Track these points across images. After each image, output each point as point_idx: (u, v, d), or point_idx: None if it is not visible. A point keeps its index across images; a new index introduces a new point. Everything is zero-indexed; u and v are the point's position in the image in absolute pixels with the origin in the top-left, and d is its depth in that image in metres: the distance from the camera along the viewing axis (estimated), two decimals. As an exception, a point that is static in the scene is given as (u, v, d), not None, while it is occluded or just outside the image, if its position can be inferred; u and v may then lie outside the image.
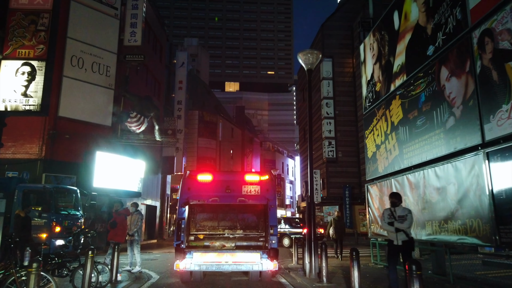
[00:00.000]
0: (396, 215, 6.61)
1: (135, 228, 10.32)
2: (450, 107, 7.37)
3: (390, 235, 6.65)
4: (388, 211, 6.78)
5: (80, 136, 17.08)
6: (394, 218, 6.59)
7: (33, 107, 9.79)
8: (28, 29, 10.30)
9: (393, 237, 6.56)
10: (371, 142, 11.34)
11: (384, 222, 6.71)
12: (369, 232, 11.32)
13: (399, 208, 6.72)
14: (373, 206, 11.09)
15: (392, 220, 6.59)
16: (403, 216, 6.54)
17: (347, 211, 26.56)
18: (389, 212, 6.74)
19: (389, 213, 6.71)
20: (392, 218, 6.62)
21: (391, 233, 6.62)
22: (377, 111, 10.84)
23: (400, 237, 6.48)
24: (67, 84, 16.88)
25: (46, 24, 10.31)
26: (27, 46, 10.18)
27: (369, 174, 11.41)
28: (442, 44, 7.67)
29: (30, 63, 9.85)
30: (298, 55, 9.72)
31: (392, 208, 6.76)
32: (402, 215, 6.58)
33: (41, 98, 9.82)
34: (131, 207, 10.72)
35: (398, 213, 6.62)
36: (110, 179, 17.36)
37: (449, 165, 7.36)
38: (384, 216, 6.76)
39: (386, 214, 6.78)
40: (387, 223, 6.64)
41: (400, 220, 6.51)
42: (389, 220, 6.62)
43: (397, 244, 6.49)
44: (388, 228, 6.61)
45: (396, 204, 6.75)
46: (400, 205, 6.82)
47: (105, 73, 18.41)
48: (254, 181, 8.05)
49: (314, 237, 9.07)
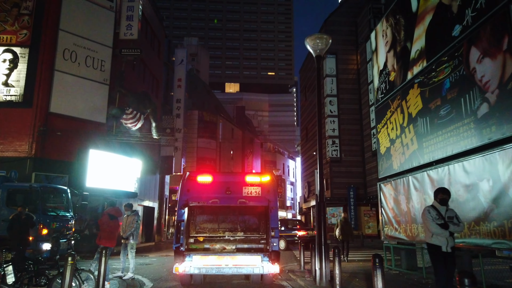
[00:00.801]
0: (445, 216, 5.41)
1: (130, 231, 9.43)
2: (483, 93, 6.49)
3: (438, 240, 5.35)
4: (434, 210, 5.47)
5: (73, 133, 16.18)
6: (443, 219, 5.38)
7: (15, 97, 8.93)
8: (10, 13, 9.42)
9: (443, 242, 5.31)
10: (384, 136, 10.44)
11: (434, 224, 5.35)
12: (382, 235, 10.41)
13: (445, 206, 5.52)
14: (386, 206, 10.18)
15: (442, 222, 5.34)
16: (452, 218, 5.39)
17: (351, 212, 25.60)
18: (436, 211, 5.46)
19: (437, 212, 5.45)
20: (441, 218, 5.38)
21: (440, 238, 5.33)
22: (391, 103, 9.95)
23: (451, 243, 5.33)
24: (59, 78, 15.95)
25: (30, 8, 9.45)
26: (8, 32, 9.32)
27: (382, 171, 10.51)
28: (472, 21, 6.79)
29: (12, 50, 8.97)
30: (305, 41, 8.84)
31: (439, 207, 5.49)
32: (452, 216, 5.41)
33: (23, 88, 8.94)
34: (124, 208, 9.84)
35: (448, 213, 5.45)
36: (105, 178, 16.46)
37: (481, 159, 6.46)
38: (432, 217, 5.41)
39: (433, 213, 5.44)
40: (438, 225, 5.33)
41: (451, 222, 5.37)
42: (439, 222, 5.35)
43: (447, 250, 5.29)
44: (440, 232, 5.29)
45: (447, 201, 5.53)
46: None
47: (99, 68, 17.53)
48: (255, 182, 7.85)
49: (325, 240, 8.17)
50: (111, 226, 8.16)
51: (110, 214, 8.21)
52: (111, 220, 8.12)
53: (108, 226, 8.10)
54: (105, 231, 8.05)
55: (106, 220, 8.12)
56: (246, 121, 56.48)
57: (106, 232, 8.06)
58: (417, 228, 8.66)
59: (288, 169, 65.70)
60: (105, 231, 8.07)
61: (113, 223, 8.25)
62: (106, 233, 8.04)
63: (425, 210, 5.59)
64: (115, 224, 8.34)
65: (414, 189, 8.74)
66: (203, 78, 53.64)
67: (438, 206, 5.51)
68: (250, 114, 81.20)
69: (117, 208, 8.71)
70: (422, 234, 8.37)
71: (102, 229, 8.13)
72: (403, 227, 9.39)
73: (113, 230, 8.24)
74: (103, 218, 8.25)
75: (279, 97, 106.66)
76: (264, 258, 7.15)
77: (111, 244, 8.09)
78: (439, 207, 5.50)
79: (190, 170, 37.44)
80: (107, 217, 8.15)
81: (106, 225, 8.08)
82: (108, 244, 7.82)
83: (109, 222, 8.12)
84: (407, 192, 9.11)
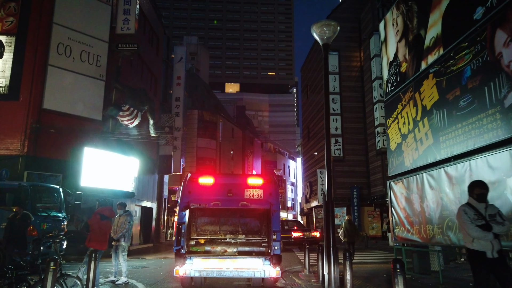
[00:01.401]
0: (485, 214, 4.51)
1: (122, 232, 8.81)
2: (511, 79, 5.87)
3: (481, 245, 4.45)
4: (472, 210, 4.58)
5: (67, 131, 15.55)
6: (483, 218, 4.47)
7: (0, 89, 8.28)
8: (-5, -2, 8.78)
9: (487, 247, 4.41)
10: (395, 132, 9.82)
11: (473, 226, 4.46)
12: (392, 237, 9.78)
13: (484, 203, 4.62)
14: (397, 206, 9.56)
15: (482, 222, 4.43)
16: (494, 215, 4.46)
17: (355, 213, 24.97)
18: (474, 210, 4.57)
19: (475, 211, 4.55)
20: (481, 218, 4.47)
21: (483, 242, 4.44)
22: (403, 95, 9.34)
23: (497, 246, 4.43)
24: (52, 73, 15.34)
25: (17, -6, 8.81)
26: (-7, 18, 8.70)
27: (393, 169, 9.87)
28: (497, 2, 6.17)
29: (-3, 38, 8.30)
30: (312, 28, 8.21)
31: (477, 204, 4.61)
32: (494, 213, 4.50)
33: (9, 79, 8.31)
34: (117, 207, 9.23)
35: (489, 210, 4.55)
36: (101, 177, 15.83)
37: (509, 152, 5.84)
38: (469, 218, 4.53)
39: (470, 214, 4.55)
40: (478, 226, 4.45)
41: (494, 220, 4.41)
42: (480, 223, 4.46)
43: (493, 256, 4.39)
44: (483, 235, 4.39)
45: (486, 197, 4.63)
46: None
47: (95, 63, 16.91)
48: (256, 184, 7.80)
49: (333, 243, 7.55)
50: (102, 227, 7.54)
51: (101, 214, 7.59)
52: (102, 221, 7.50)
53: (99, 227, 7.47)
54: (96, 232, 7.43)
55: (97, 221, 7.49)
56: (246, 121, 55.77)
57: (97, 234, 7.43)
58: (433, 229, 8.04)
59: (289, 169, 65.16)
60: (96, 232, 7.44)
61: (105, 224, 7.62)
62: (97, 235, 7.41)
63: (460, 210, 4.71)
64: (107, 225, 7.72)
65: (429, 187, 8.11)
66: (203, 77, 53.00)
67: (476, 204, 4.62)
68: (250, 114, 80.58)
69: (110, 208, 8.08)
70: (439, 235, 7.75)
71: (92, 229, 7.52)
72: (416, 228, 8.77)
73: (104, 232, 7.61)
74: (94, 218, 7.63)
75: (279, 97, 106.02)
76: (265, 261, 7.06)
77: (102, 247, 7.46)
78: (476, 204, 4.61)
79: (190, 170, 36.98)
80: (98, 217, 7.53)
81: (96, 226, 7.46)
82: (98, 247, 7.19)
83: (100, 222, 7.49)
84: (420, 191, 8.49)
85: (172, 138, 25.60)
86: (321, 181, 26.51)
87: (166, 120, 25.60)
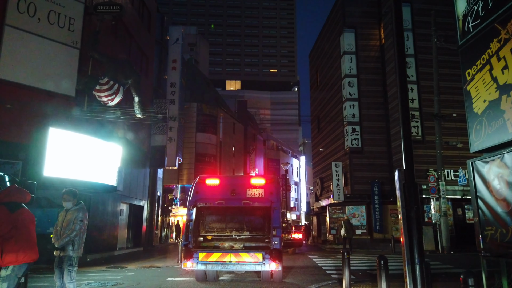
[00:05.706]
0: None
1: (69, 236, 5.64)
2: None
3: None
4: None
5: (29, 107, 12.39)
6: None
7: None
8: None
9: None
10: (482, 85, 6.58)
11: None
12: (479, 242, 6.52)
13: None
14: (490, 196, 6.31)
15: None
16: None
17: (376, 211, 21.69)
18: None
19: None
20: None
21: None
22: (503, 26, 6.10)
23: None
24: (10, 36, 12.17)
25: None
26: None
27: (480, 141, 6.61)
28: None
29: None
30: None
31: None
32: None
33: None
34: (63, 198, 6.05)
35: None
36: (71, 166, 12.59)
37: None
38: None
39: None
40: None
41: None
42: None
43: None
44: None
45: None
46: None
47: (67, 27, 13.71)
48: (258, 184, 8.43)
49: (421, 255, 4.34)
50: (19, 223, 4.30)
51: (9, 203, 4.34)
52: (13, 214, 4.27)
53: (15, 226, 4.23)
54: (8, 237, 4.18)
55: (6, 215, 4.24)
56: (248, 116, 52.61)
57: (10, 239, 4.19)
58: None
59: (292, 168, 62.06)
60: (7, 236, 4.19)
61: (23, 218, 4.38)
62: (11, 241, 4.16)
63: None
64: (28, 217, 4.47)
65: None
66: (203, 70, 49.85)
67: None
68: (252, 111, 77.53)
69: (19, 189, 4.69)
70: None
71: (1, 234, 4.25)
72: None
73: (25, 231, 4.37)
74: (20, 215, 4.38)
75: (281, 95, 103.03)
76: (265, 255, 7.48)
77: (28, 257, 4.26)
78: None
79: (188, 166, 34.25)
80: (6, 210, 4.27)
81: (5, 226, 4.20)
82: (21, 259, 4.00)
83: (11, 217, 4.26)
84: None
85: (165, 126, 22.43)
86: (337, 176, 23.24)
87: (159, 106, 22.46)
